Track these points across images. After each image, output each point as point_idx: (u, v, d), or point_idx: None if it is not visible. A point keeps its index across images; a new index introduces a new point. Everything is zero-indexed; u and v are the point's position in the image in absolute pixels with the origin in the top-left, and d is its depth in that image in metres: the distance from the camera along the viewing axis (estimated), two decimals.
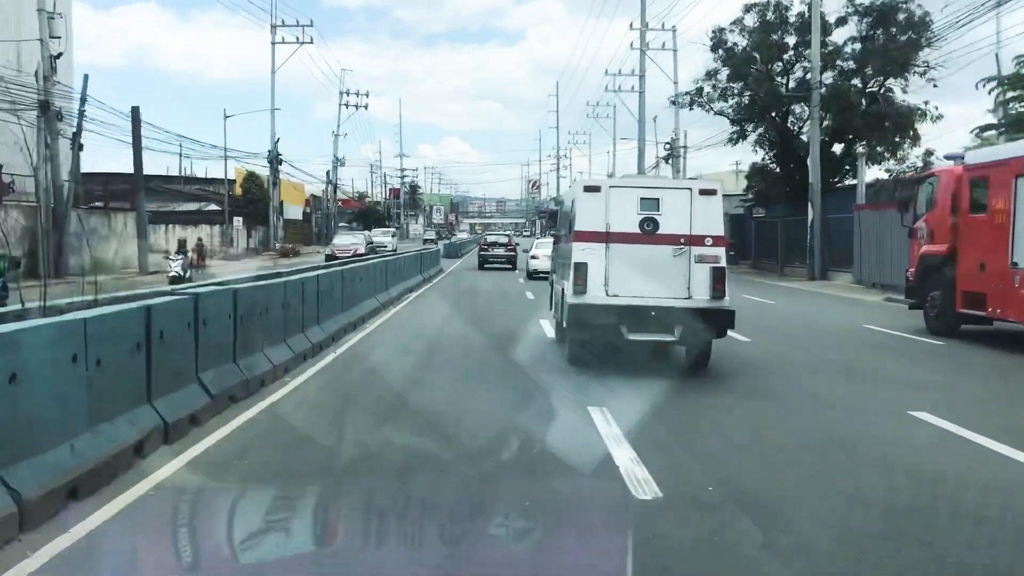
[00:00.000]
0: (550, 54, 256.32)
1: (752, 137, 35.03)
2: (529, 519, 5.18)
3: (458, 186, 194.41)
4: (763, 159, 35.72)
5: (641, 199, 9.88)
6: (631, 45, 52.41)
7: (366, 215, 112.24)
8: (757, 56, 33.55)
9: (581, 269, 9.79)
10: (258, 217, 53.26)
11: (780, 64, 33.93)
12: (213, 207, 49.70)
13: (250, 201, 52.27)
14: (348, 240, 47.33)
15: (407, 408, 8.24)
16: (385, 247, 46.36)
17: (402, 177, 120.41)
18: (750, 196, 38.38)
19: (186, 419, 6.63)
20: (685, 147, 48.39)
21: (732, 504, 5.30)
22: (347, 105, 76.64)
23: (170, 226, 49.21)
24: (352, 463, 6.23)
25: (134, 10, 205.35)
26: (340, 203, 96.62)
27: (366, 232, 55.64)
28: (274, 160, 54.22)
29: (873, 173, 32.95)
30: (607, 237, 9.80)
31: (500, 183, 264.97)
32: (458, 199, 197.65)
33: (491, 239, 43.92)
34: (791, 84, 33.72)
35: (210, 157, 45.80)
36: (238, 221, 48.22)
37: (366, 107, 76.73)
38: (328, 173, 76.85)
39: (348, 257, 29.17)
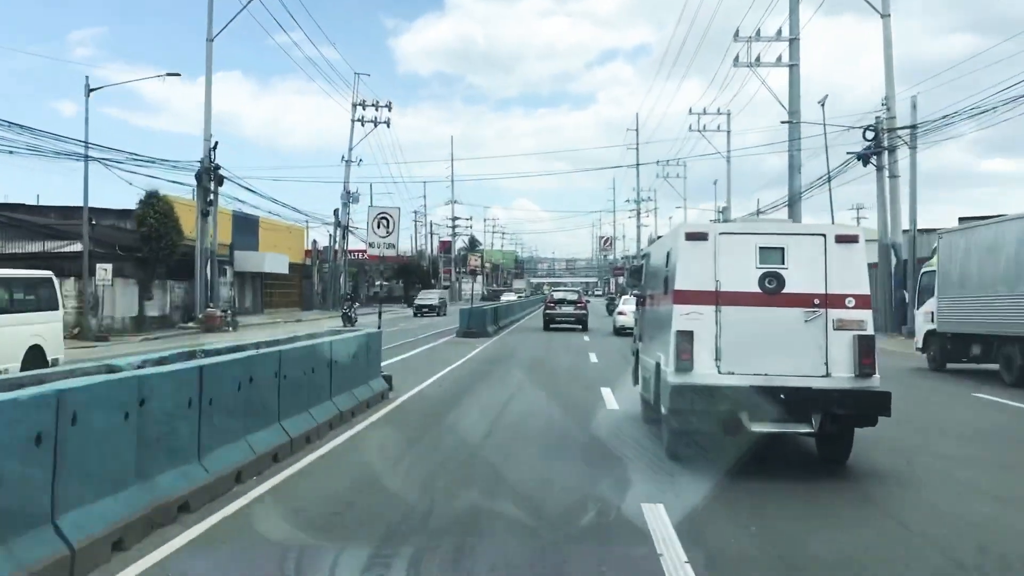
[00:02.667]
0: (621, 115, 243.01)
1: None
2: None
3: (525, 244, 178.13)
4: None
5: (760, 248, 7.63)
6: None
7: (407, 272, 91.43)
8: None
9: (685, 339, 7.51)
10: (176, 266, 31.88)
11: None
12: (79, 247, 28.17)
13: (147, 238, 30.66)
14: None
15: None
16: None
17: (453, 227, 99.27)
18: None
19: None
20: (914, 127, 25.08)
21: None
22: (362, 122, 56.27)
23: None
24: None
25: (219, 79, 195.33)
26: (365, 256, 75.95)
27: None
28: (205, 174, 33.20)
29: None
30: (717, 298, 7.54)
31: (571, 243, 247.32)
32: (525, 258, 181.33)
33: (558, 295, 35.95)
34: None
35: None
36: (104, 271, 26.59)
37: (387, 124, 56.09)
38: (336, 212, 56.11)
39: None
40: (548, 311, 34.08)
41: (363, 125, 55.81)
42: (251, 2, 33.89)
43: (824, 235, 7.71)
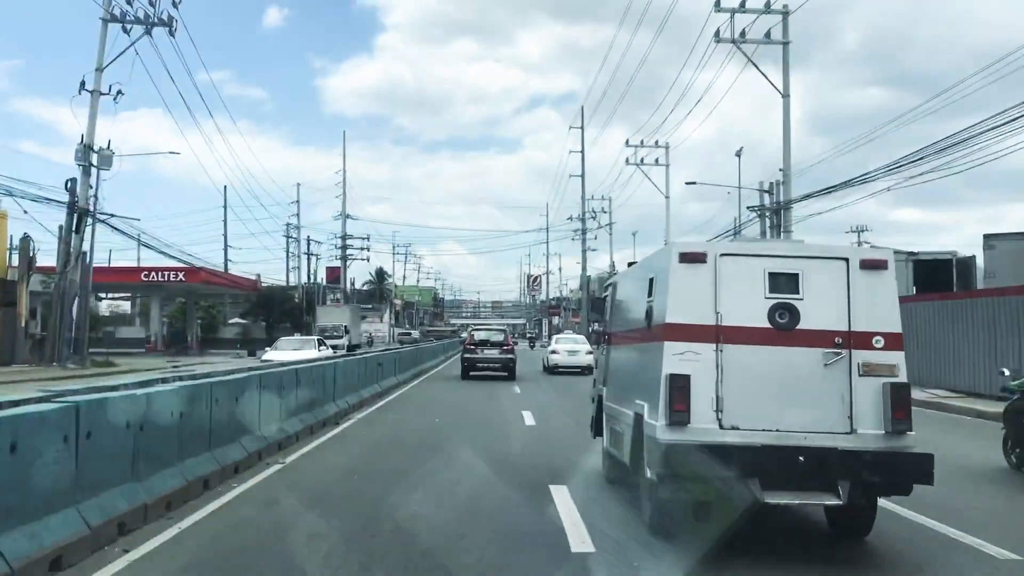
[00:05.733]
0: (547, 160, 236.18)
1: None
2: None
3: (451, 285, 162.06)
4: None
5: (770, 274, 6.04)
6: None
7: (268, 305, 65.31)
8: None
9: (681, 385, 5.80)
10: None
11: None
12: None
13: None
14: None
15: None
16: None
17: (343, 247, 72.98)
18: None
19: None
20: None
21: None
22: (123, 22, 30.83)
23: None
24: None
25: (141, 115, 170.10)
26: (199, 279, 49.33)
27: None
28: None
29: None
30: (718, 334, 5.91)
31: (498, 288, 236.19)
32: (449, 300, 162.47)
33: (480, 336, 27.50)
34: None
35: None
36: None
37: (169, 28, 30.78)
38: (71, 185, 30.28)
39: None
40: (468, 355, 26.59)
41: (128, 32, 30.44)
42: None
43: (847, 259, 6.13)
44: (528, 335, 76.92)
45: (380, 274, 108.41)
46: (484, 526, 6.64)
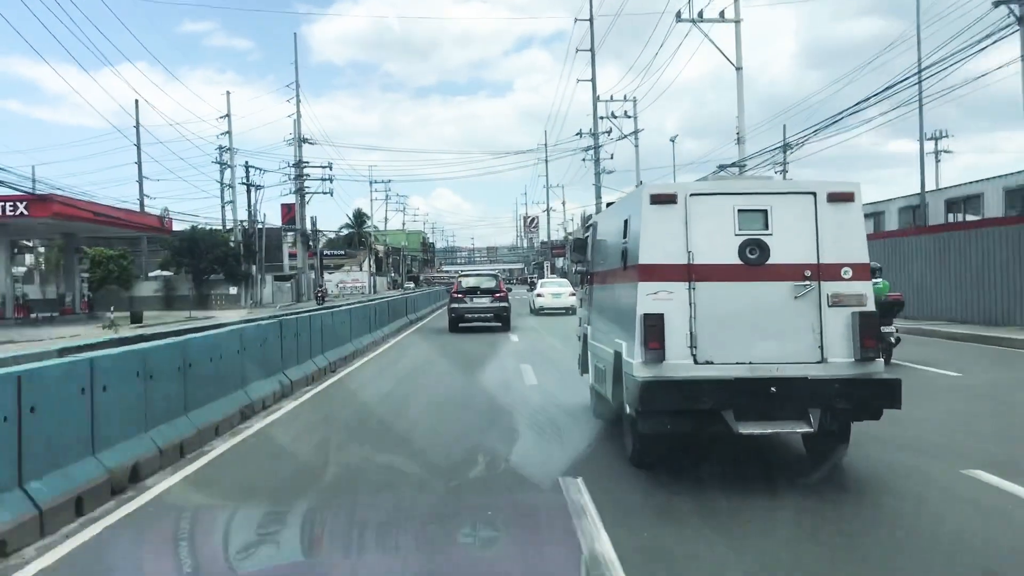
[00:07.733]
0: (539, 103, 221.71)
1: None
2: None
3: (444, 231, 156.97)
4: None
5: (739, 211, 6.28)
6: None
7: (195, 251, 50.07)
8: None
9: (654, 324, 6.12)
10: None
11: None
12: None
13: None
14: None
15: None
16: None
17: (299, 175, 57.05)
18: None
19: None
20: None
21: None
22: None
23: None
24: None
25: (122, 70, 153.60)
26: (48, 212, 33.68)
27: None
28: None
29: None
30: (690, 273, 6.23)
31: (494, 234, 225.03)
32: (441, 248, 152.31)
33: (469, 283, 25.29)
34: None
35: None
36: None
37: None
38: None
39: None
40: (455, 305, 24.58)
41: None
42: None
43: (814, 193, 6.35)
44: (530, 279, 69.80)
45: (359, 216, 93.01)
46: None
